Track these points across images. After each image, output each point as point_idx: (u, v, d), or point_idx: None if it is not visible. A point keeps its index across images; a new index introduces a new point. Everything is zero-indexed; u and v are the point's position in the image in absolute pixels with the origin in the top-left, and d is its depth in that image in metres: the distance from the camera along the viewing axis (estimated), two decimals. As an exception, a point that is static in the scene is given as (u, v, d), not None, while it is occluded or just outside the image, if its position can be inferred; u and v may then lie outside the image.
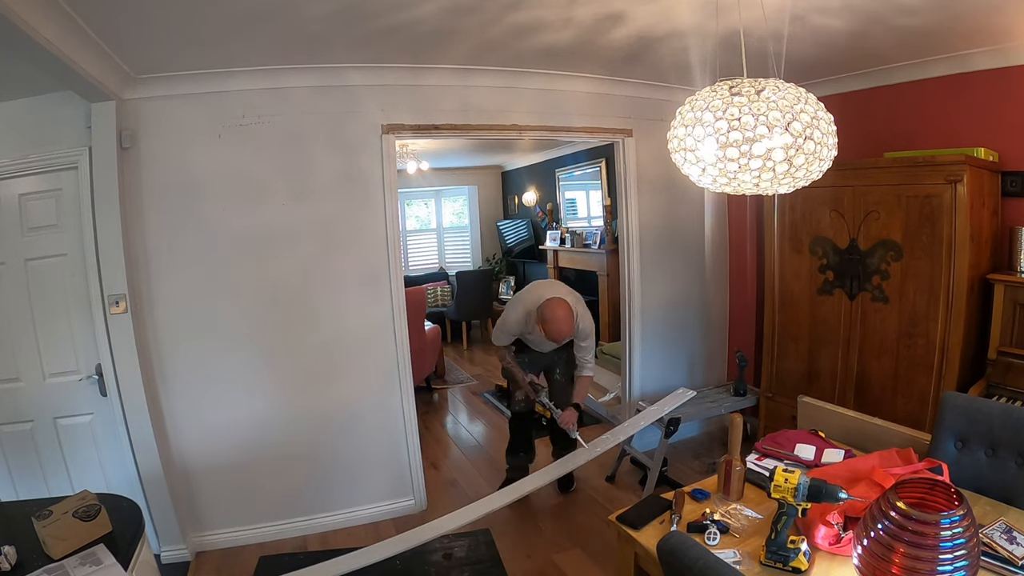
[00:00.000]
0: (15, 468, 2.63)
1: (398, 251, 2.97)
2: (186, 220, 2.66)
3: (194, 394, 2.73)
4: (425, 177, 6.59)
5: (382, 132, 2.87)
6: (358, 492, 3.03)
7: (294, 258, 2.82)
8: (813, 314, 3.06)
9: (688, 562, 1.16)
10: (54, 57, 1.82)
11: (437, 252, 8.23)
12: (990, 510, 1.56)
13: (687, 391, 3.21)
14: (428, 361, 5.20)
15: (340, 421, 2.96)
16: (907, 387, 2.68)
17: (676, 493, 1.78)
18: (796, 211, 3.08)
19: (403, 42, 2.44)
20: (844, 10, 2.13)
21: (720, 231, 3.92)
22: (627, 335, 3.70)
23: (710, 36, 2.37)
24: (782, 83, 1.37)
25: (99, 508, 1.60)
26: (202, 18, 1.99)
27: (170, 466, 2.70)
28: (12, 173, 2.51)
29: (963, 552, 1.14)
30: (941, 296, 2.51)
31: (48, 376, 2.63)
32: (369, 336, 2.96)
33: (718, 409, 3.37)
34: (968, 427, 1.77)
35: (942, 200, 2.45)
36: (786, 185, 1.42)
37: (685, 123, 1.44)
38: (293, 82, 2.70)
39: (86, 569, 1.44)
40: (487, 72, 2.94)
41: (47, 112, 2.47)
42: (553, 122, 3.23)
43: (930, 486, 1.36)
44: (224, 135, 2.67)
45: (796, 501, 1.40)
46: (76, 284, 2.58)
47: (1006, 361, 2.43)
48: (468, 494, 3.28)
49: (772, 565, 1.39)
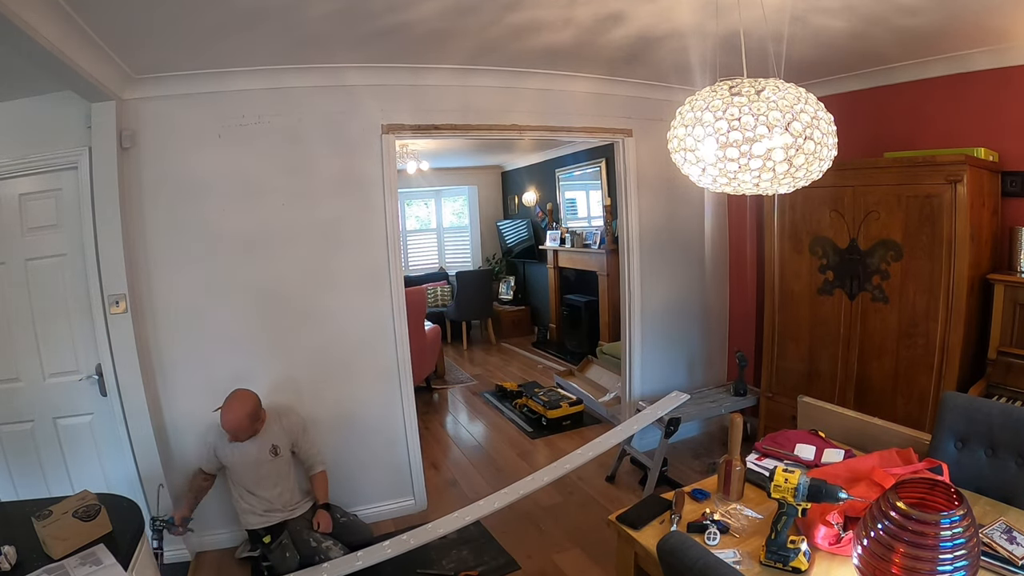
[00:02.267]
0: (15, 468, 2.64)
1: (398, 251, 2.97)
2: (186, 220, 2.66)
3: (194, 394, 2.73)
4: (425, 177, 6.59)
5: (382, 132, 2.87)
6: (358, 492, 3.03)
7: (294, 258, 2.82)
8: (813, 314, 3.06)
9: (688, 562, 1.16)
10: (54, 57, 1.82)
11: (437, 252, 8.22)
12: (990, 510, 1.56)
13: (680, 395, 3.19)
14: (428, 361, 5.20)
15: (340, 421, 2.96)
16: (907, 387, 2.68)
17: (676, 493, 1.78)
18: (796, 211, 3.08)
19: (403, 42, 2.44)
20: (844, 10, 2.13)
21: (720, 231, 3.92)
22: (627, 335, 3.70)
23: (710, 36, 2.37)
24: (782, 83, 1.37)
25: (99, 508, 1.60)
26: (202, 18, 1.99)
27: (170, 466, 2.70)
28: (12, 173, 2.51)
29: (963, 552, 1.14)
30: (941, 296, 2.51)
31: (48, 376, 2.63)
32: (369, 336, 2.96)
33: (718, 409, 3.37)
34: (968, 427, 1.77)
35: (942, 200, 2.45)
36: (786, 185, 1.42)
37: (685, 123, 1.44)
38: (293, 82, 2.70)
39: (86, 569, 1.44)
40: (487, 72, 2.94)
41: (47, 112, 2.47)
42: (553, 122, 3.23)
43: (930, 486, 1.36)
44: (224, 135, 2.67)
45: (796, 501, 1.40)
46: (76, 284, 2.58)
47: (1006, 361, 2.43)
48: (468, 494, 3.28)
49: (772, 565, 1.39)
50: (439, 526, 2.46)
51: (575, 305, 6.15)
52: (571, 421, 4.29)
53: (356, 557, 2.32)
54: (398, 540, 2.41)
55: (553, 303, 6.86)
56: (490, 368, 6.12)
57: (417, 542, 2.39)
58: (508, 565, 2.64)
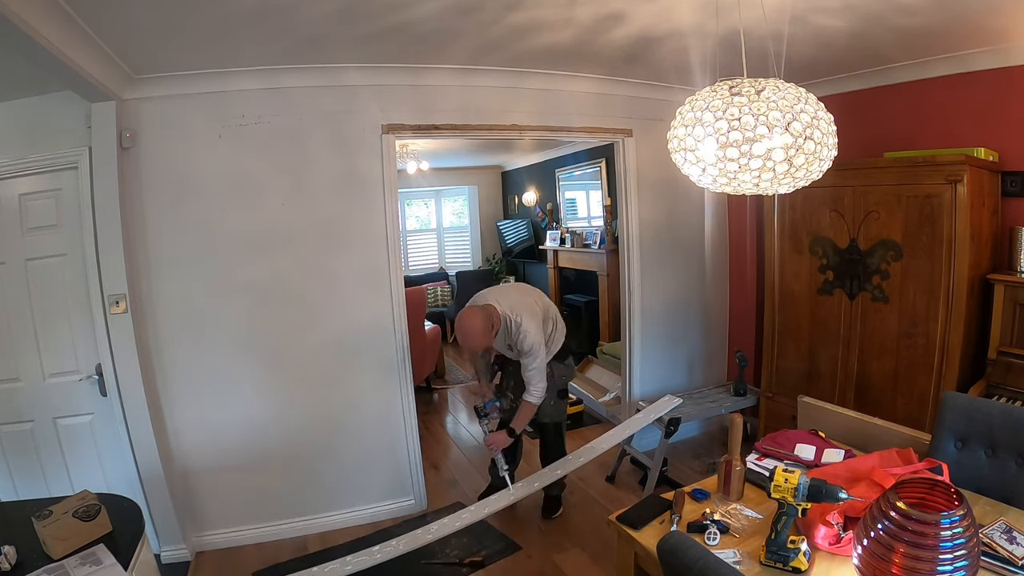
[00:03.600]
0: (15, 468, 2.64)
1: (398, 251, 2.97)
2: (186, 220, 2.66)
3: (194, 394, 2.73)
4: (425, 177, 6.59)
5: (382, 132, 2.87)
6: (358, 492, 3.03)
7: (294, 258, 2.82)
8: (813, 314, 3.06)
9: (688, 562, 1.16)
10: (54, 57, 1.82)
11: (437, 252, 8.22)
12: (990, 510, 1.55)
13: (673, 398, 3.14)
14: (428, 361, 5.20)
15: (340, 421, 2.96)
16: (907, 387, 2.68)
17: (676, 493, 1.78)
18: (796, 211, 3.08)
19: (403, 42, 2.43)
20: (844, 10, 2.13)
21: (720, 231, 3.92)
22: (627, 335, 3.70)
23: (710, 36, 2.37)
24: (782, 83, 1.37)
25: (99, 508, 1.60)
26: (202, 18, 1.99)
27: (170, 466, 2.70)
28: (12, 173, 2.51)
29: (963, 552, 1.14)
30: (941, 296, 2.51)
31: (48, 376, 2.63)
32: (369, 336, 2.96)
33: (718, 409, 3.37)
34: (968, 427, 1.77)
35: (942, 200, 2.45)
36: (786, 185, 1.42)
37: (685, 123, 1.44)
38: (293, 82, 2.70)
39: (86, 569, 1.44)
40: (487, 72, 2.94)
41: (47, 112, 2.47)
42: (553, 122, 3.23)
43: (930, 486, 1.36)
44: (224, 135, 2.67)
45: (796, 501, 1.40)
46: (76, 284, 2.57)
47: (1006, 361, 2.43)
48: (468, 494, 3.28)
49: (772, 565, 1.39)
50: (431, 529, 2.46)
51: (575, 305, 6.15)
52: (571, 421, 4.28)
53: (346, 562, 2.30)
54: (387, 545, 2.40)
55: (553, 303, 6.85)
56: (490, 368, 6.12)
57: (407, 547, 2.38)
58: (510, 547, 2.68)
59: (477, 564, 2.59)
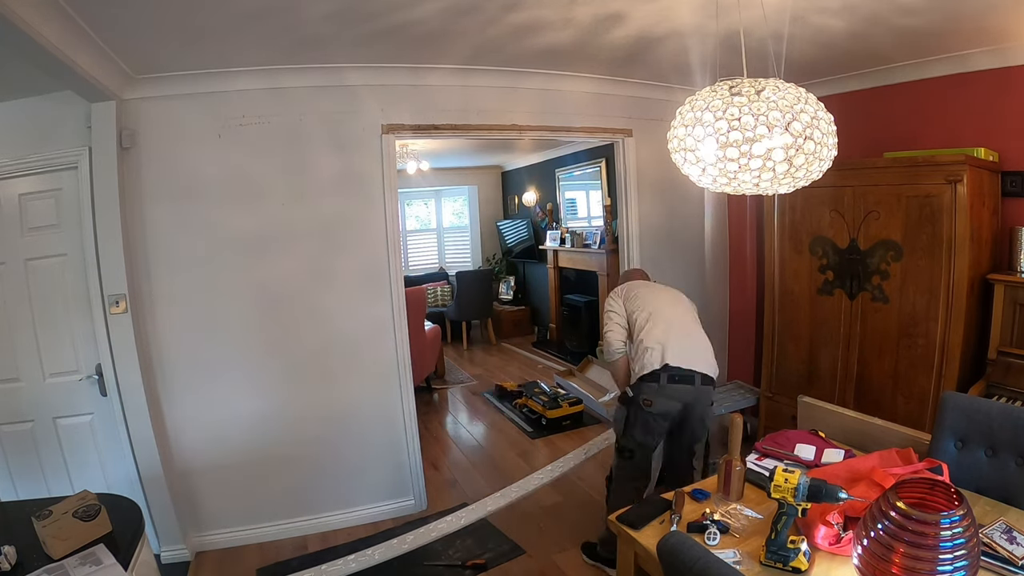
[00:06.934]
0: (15, 468, 2.63)
1: (398, 251, 2.97)
2: (186, 220, 2.66)
3: (194, 394, 2.73)
4: (425, 177, 6.58)
5: (382, 132, 2.87)
6: (358, 492, 3.02)
7: (294, 258, 2.82)
8: (813, 314, 3.06)
9: (688, 562, 1.16)
10: (54, 57, 1.82)
11: (437, 252, 8.22)
12: (990, 510, 1.55)
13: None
14: (428, 361, 5.19)
15: (340, 421, 2.96)
16: (907, 387, 2.68)
17: (676, 493, 1.78)
18: (796, 211, 3.08)
19: (403, 42, 2.43)
20: (844, 10, 2.13)
21: (720, 231, 3.92)
22: (627, 335, 3.69)
23: (710, 36, 2.37)
24: (782, 83, 1.37)
25: (99, 508, 1.60)
26: (202, 18, 1.99)
27: (170, 466, 2.70)
28: (12, 173, 2.51)
29: (963, 552, 1.14)
30: (941, 296, 2.51)
31: (48, 376, 2.63)
32: (369, 336, 2.96)
33: (718, 409, 3.37)
34: (968, 427, 1.77)
35: (942, 200, 2.45)
36: (786, 185, 1.42)
37: (685, 123, 1.44)
38: (293, 82, 2.70)
39: (86, 569, 1.44)
40: (487, 72, 2.94)
41: (47, 112, 2.47)
42: (553, 122, 3.23)
43: (930, 486, 1.36)
44: (224, 135, 2.67)
45: (796, 501, 1.39)
46: (76, 284, 2.57)
47: (1006, 361, 2.42)
48: (468, 494, 3.28)
49: (772, 565, 1.39)
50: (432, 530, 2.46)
51: (575, 305, 6.15)
52: (571, 421, 4.29)
53: (355, 557, 2.31)
54: (388, 545, 2.39)
55: (553, 303, 6.86)
56: (490, 368, 6.12)
57: (410, 546, 2.38)
58: (513, 550, 2.67)
59: (479, 567, 2.58)
